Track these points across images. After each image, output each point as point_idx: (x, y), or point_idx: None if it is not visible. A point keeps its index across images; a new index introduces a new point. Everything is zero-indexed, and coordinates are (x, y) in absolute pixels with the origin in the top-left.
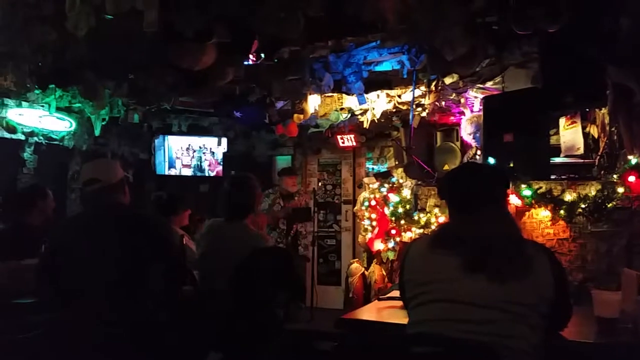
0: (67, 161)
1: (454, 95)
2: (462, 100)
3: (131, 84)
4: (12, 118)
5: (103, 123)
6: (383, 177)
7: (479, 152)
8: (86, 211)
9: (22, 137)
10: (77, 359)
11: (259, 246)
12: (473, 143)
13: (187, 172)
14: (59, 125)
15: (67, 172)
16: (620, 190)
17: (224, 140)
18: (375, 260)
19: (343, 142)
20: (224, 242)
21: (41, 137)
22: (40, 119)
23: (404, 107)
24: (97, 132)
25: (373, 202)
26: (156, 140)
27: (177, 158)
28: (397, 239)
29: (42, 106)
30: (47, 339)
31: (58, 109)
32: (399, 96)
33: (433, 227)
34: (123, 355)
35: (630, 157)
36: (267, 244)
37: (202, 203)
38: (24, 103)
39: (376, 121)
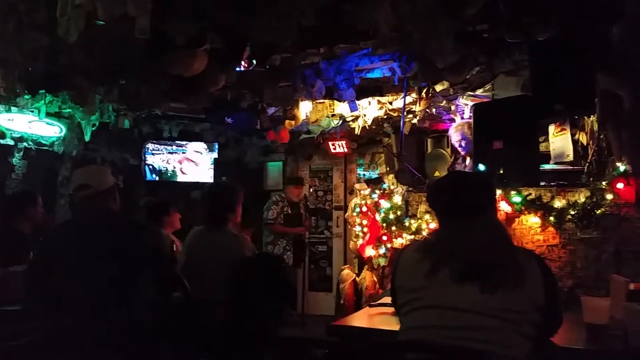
0: (56, 167)
1: (444, 102)
2: (453, 108)
3: (122, 90)
4: (1, 123)
5: (93, 129)
6: (374, 183)
7: (467, 161)
8: (76, 217)
9: (12, 143)
10: None
11: (244, 251)
12: (460, 150)
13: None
14: (48, 130)
15: (57, 178)
16: (609, 197)
17: (215, 146)
18: (366, 266)
19: (334, 149)
20: (207, 249)
21: (31, 143)
22: (30, 124)
23: (395, 114)
24: (87, 138)
25: (364, 208)
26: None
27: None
28: (389, 245)
29: (32, 111)
30: (35, 347)
31: (48, 115)
32: (390, 103)
33: (424, 233)
34: None
35: (618, 164)
36: (249, 248)
37: (194, 209)
38: (13, 108)
39: (367, 128)
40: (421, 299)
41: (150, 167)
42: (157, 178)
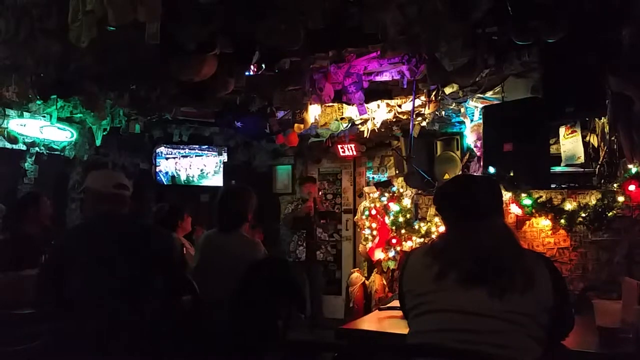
0: (68, 171)
1: (453, 105)
2: (462, 110)
3: (133, 95)
4: (13, 128)
5: (104, 133)
6: (383, 186)
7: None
8: (89, 221)
9: (24, 148)
10: None
11: (255, 255)
12: (477, 151)
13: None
14: (60, 135)
15: (68, 182)
16: (621, 199)
17: (225, 150)
18: (375, 269)
19: (343, 152)
20: (220, 252)
21: (42, 148)
22: (42, 129)
23: (404, 117)
24: (98, 142)
25: (373, 212)
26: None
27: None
28: (398, 248)
29: (44, 116)
30: (46, 350)
31: (59, 120)
32: (399, 106)
33: (434, 236)
34: None
35: (630, 166)
36: (262, 253)
37: (203, 213)
38: (25, 113)
39: (376, 131)
40: (430, 303)
41: (161, 171)
42: (167, 182)
